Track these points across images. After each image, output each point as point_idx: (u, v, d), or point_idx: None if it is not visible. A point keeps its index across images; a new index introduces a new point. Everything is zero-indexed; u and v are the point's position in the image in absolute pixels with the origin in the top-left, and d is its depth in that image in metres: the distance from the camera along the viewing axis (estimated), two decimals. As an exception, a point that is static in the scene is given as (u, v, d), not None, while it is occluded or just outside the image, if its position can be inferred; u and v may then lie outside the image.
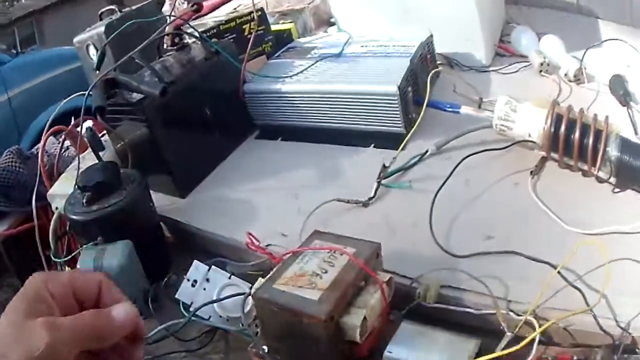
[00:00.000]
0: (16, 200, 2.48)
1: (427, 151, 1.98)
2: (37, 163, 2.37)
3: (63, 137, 2.43)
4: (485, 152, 1.85)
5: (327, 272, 1.33)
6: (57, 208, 2.05)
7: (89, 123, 2.37)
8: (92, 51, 2.81)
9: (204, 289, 1.65)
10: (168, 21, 2.39)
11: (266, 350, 1.40)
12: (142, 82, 1.97)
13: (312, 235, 1.50)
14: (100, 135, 2.15)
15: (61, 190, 2.08)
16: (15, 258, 2.58)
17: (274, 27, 2.86)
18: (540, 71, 2.38)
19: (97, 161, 1.93)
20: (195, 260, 1.70)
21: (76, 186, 1.82)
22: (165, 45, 2.41)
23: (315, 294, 1.27)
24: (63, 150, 2.47)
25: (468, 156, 1.80)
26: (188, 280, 1.66)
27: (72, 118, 2.45)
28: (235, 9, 3.14)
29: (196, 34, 2.32)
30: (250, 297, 1.45)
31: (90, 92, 1.97)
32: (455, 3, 2.48)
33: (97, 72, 2.12)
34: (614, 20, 2.69)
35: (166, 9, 3.28)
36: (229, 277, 1.67)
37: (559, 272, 1.35)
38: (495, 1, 2.84)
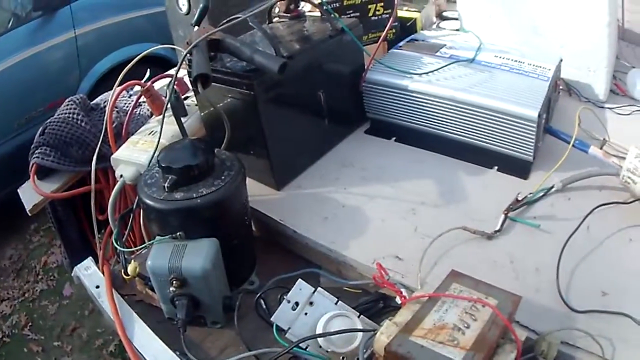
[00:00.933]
0: (73, 158, 2.27)
1: (552, 187, 1.89)
2: (102, 117, 2.19)
3: (139, 94, 2.22)
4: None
5: (469, 328, 1.24)
6: (121, 176, 1.85)
7: (165, 81, 2.27)
8: (183, 1, 2.69)
9: (306, 313, 1.53)
10: None
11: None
12: (256, 51, 1.75)
13: (450, 277, 1.42)
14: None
15: (128, 156, 1.91)
16: (61, 220, 2.45)
17: (399, 14, 2.72)
18: None
19: (176, 128, 1.78)
20: (300, 280, 1.59)
21: (157, 163, 1.56)
22: (277, 11, 2.29)
23: (458, 355, 1.18)
24: (135, 107, 2.28)
25: (597, 207, 1.73)
26: (289, 301, 1.54)
27: (148, 70, 2.22)
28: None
29: (322, 5, 2.13)
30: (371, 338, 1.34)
31: (190, 53, 1.72)
32: (587, 33, 2.37)
33: (196, 28, 1.88)
34: None
35: None
36: (336, 303, 1.53)
37: None
38: (615, 37, 2.71)
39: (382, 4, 2.48)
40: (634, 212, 1.73)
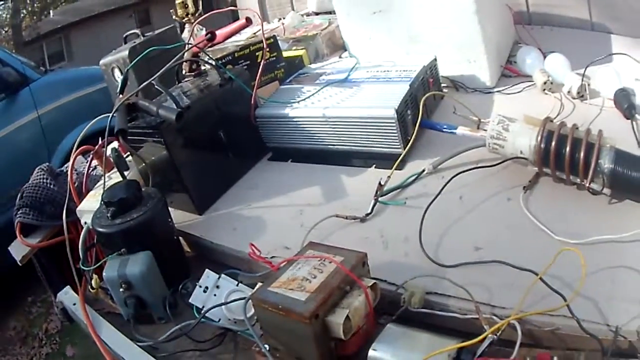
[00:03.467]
0: (48, 215, 2.60)
1: (423, 170, 2.11)
2: (66, 180, 2.49)
3: (91, 157, 2.57)
4: (480, 170, 1.96)
5: (315, 277, 1.48)
6: (85, 223, 2.20)
7: (115, 144, 2.49)
8: (117, 74, 2.97)
9: (214, 295, 1.83)
10: (186, 47, 2.53)
11: (268, 349, 1.55)
12: (160, 106, 2.12)
13: (307, 246, 1.66)
14: (125, 155, 2.30)
15: (89, 207, 2.22)
16: (47, 269, 2.71)
17: (286, 54, 3.00)
18: (544, 90, 2.47)
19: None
20: (207, 269, 1.88)
21: (102, 202, 1.98)
22: (184, 71, 2.57)
23: (302, 295, 1.42)
24: (91, 169, 2.60)
25: (459, 173, 1.92)
26: (200, 286, 1.85)
27: (99, 138, 2.52)
28: (254, 34, 3.34)
29: (211, 61, 2.48)
30: (249, 300, 1.59)
31: (114, 115, 2.12)
32: (459, 27, 2.58)
33: (120, 95, 2.26)
34: (630, 34, 2.82)
35: (185, 35, 3.47)
36: (237, 285, 1.84)
37: (541, 279, 1.41)
38: (504, 23, 2.94)
39: (267, 49, 2.73)
40: (512, 174, 1.93)
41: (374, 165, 2.29)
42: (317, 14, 4.26)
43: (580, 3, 3.11)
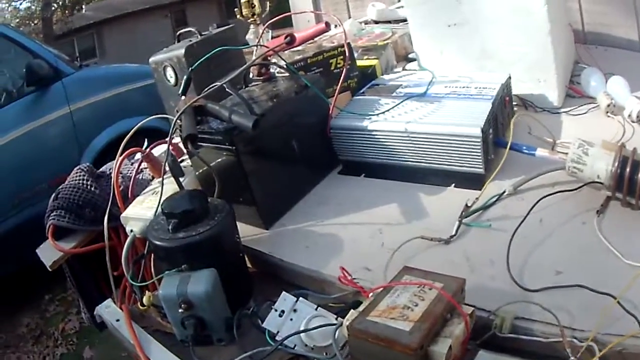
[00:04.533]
0: (86, 219, 2.45)
1: (504, 191, 2.04)
2: (109, 183, 2.36)
3: (140, 160, 2.43)
4: (559, 193, 1.92)
5: (417, 305, 1.41)
6: (131, 231, 2.05)
7: (162, 147, 2.43)
8: (170, 73, 2.86)
9: (291, 319, 1.71)
10: (256, 49, 2.47)
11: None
12: (233, 111, 1.98)
13: (402, 271, 1.59)
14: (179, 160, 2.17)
15: (135, 214, 2.09)
16: (78, 276, 2.60)
17: (358, 63, 2.88)
18: (607, 112, 2.43)
19: (176, 186, 1.97)
20: (283, 292, 1.77)
21: (161, 212, 1.82)
22: (251, 75, 2.45)
23: (406, 325, 1.35)
24: (138, 172, 2.47)
25: (543, 197, 1.88)
26: (276, 310, 1.73)
27: (145, 140, 2.46)
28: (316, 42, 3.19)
29: (287, 66, 2.35)
30: (339, 327, 1.52)
31: (180, 119, 1.97)
32: (533, 45, 2.54)
33: (183, 97, 2.11)
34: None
35: (250, 36, 3.37)
36: (316, 309, 1.72)
37: (618, 302, 1.41)
38: (568, 43, 2.92)
39: (341, 57, 2.65)
40: (586, 197, 1.89)
41: (453, 184, 2.21)
42: (376, 22, 4.17)
43: (629, 23, 3.18)
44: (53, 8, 20.19)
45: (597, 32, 3.32)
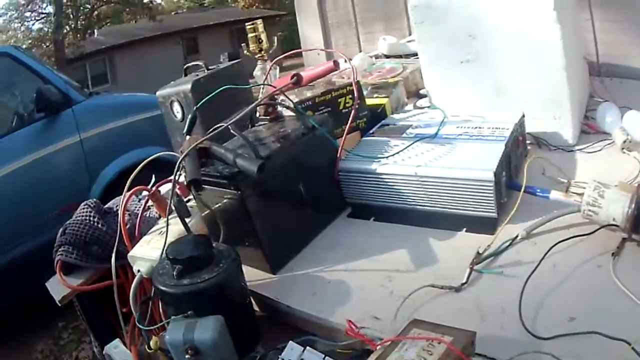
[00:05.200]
0: (93, 256, 2.45)
1: (517, 236, 2.00)
2: (115, 219, 2.37)
3: (146, 199, 2.40)
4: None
5: None
6: (139, 271, 2.04)
7: (169, 185, 2.32)
8: (177, 108, 2.85)
9: None
10: (262, 88, 2.44)
11: None
12: (237, 155, 1.97)
13: (411, 324, 1.56)
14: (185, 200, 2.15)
15: (143, 253, 2.07)
16: (88, 311, 2.60)
17: (368, 101, 2.85)
18: (623, 149, 2.39)
19: (182, 227, 1.95)
20: (290, 341, 1.73)
21: (166, 256, 1.80)
22: (258, 115, 2.43)
23: None
24: (145, 210, 2.44)
25: (557, 243, 1.83)
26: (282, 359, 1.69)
27: (153, 176, 2.43)
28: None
29: (295, 107, 2.34)
30: None
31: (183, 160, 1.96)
32: (548, 80, 2.51)
33: (188, 137, 2.11)
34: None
35: (257, 72, 3.34)
36: (323, 358, 1.68)
37: (632, 348, 1.38)
38: (583, 77, 2.90)
39: (350, 96, 2.62)
40: (601, 240, 1.85)
41: (465, 229, 2.15)
42: (387, 56, 4.16)
43: None
44: (65, 31, 20.31)
45: (612, 64, 3.29)
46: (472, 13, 2.61)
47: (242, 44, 3.38)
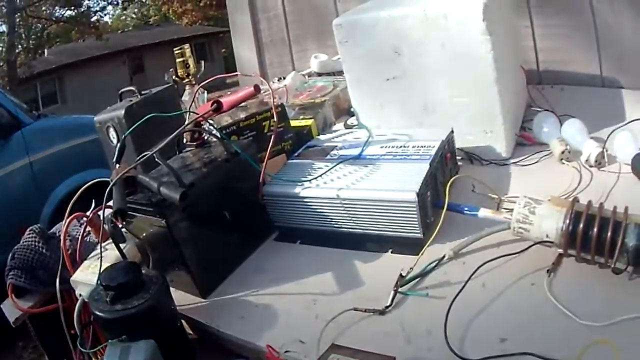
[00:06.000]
0: (40, 280, 2.52)
1: (444, 256, 2.00)
2: (59, 245, 2.39)
3: (85, 225, 2.45)
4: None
5: None
6: (80, 295, 2.08)
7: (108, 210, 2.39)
8: (112, 133, 2.90)
9: None
10: (188, 114, 2.49)
11: None
12: (161, 183, 2.03)
13: (330, 349, 1.60)
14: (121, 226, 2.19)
15: (84, 278, 2.11)
16: (42, 334, 2.66)
17: (293, 123, 2.88)
18: (562, 159, 2.40)
19: (118, 253, 2.00)
20: None
21: (100, 283, 1.87)
22: (185, 140, 2.48)
23: None
24: (84, 236, 2.48)
25: (484, 263, 1.84)
26: None
27: (93, 201, 2.47)
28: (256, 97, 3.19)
29: (217, 133, 2.40)
30: None
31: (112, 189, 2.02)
32: (477, 96, 2.50)
33: (117, 166, 2.15)
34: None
35: (185, 98, 3.40)
36: None
37: None
38: (518, 87, 2.87)
39: (274, 119, 2.58)
40: (535, 257, 1.84)
41: (390, 250, 2.17)
42: (319, 74, 4.19)
43: (590, 57, 3.12)
44: (17, 50, 20.12)
45: (553, 70, 3.29)
46: (397, 28, 2.58)
47: (170, 69, 3.46)
